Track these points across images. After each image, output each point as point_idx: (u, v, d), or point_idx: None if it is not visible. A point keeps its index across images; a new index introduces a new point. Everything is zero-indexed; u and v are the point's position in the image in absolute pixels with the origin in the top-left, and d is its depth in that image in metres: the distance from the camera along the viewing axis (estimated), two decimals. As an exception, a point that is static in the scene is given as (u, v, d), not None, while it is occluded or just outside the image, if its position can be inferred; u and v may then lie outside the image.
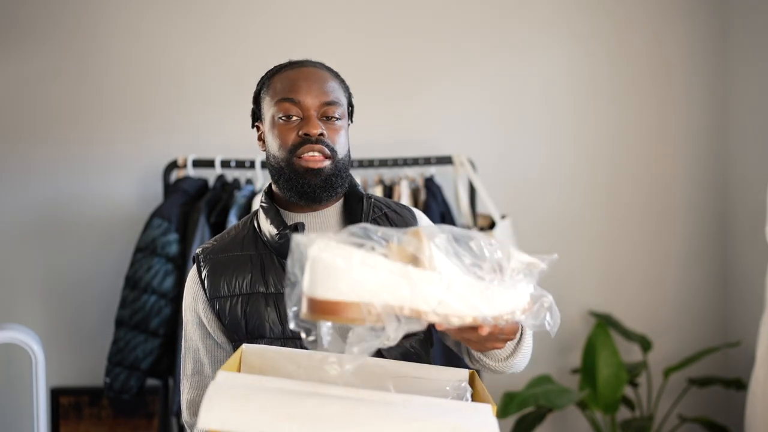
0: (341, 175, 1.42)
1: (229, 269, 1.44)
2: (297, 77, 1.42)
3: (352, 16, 2.91)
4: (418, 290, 0.96)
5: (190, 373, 1.49)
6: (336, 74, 1.48)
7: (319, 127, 1.38)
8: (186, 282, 1.50)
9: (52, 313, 2.85)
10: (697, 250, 3.05)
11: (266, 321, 1.40)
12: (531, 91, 2.97)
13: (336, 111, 1.41)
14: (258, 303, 1.41)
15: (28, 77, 2.81)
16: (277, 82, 1.44)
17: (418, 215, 1.54)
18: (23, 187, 2.82)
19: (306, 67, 1.44)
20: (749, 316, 2.85)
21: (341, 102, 1.43)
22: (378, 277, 0.95)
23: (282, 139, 1.40)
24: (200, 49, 2.86)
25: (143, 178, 2.84)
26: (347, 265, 0.93)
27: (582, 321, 3.02)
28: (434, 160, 2.76)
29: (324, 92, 1.41)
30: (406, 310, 0.96)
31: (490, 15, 2.94)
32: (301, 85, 1.41)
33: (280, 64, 1.49)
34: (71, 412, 2.82)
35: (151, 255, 2.52)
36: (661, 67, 3.00)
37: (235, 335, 1.43)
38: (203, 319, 1.46)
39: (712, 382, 2.86)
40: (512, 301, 1.05)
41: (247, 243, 1.46)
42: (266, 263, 1.43)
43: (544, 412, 2.73)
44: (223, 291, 1.43)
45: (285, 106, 1.40)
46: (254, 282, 1.42)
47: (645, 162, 3.02)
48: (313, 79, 1.42)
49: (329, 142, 1.40)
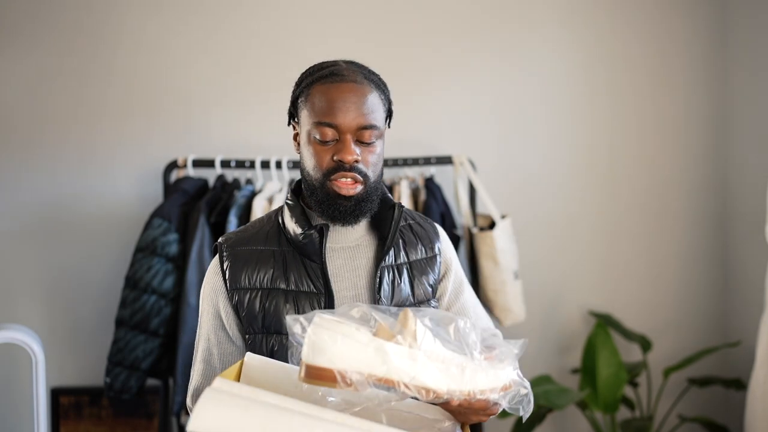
0: (372, 198, 1.43)
1: (251, 262, 1.45)
2: (336, 97, 1.39)
3: (352, 17, 2.91)
4: (392, 364, 1.11)
5: (199, 359, 1.51)
6: (376, 82, 1.46)
7: (353, 153, 1.38)
8: (207, 270, 1.52)
9: (52, 313, 2.85)
10: (697, 250, 3.05)
11: (284, 317, 1.42)
12: (531, 92, 2.97)
13: (372, 135, 1.41)
14: (278, 299, 1.43)
15: (28, 78, 2.81)
16: (316, 97, 1.41)
17: (440, 232, 1.58)
18: (23, 187, 2.82)
19: (346, 82, 1.41)
20: (749, 316, 2.85)
21: (378, 123, 1.41)
22: (357, 350, 1.10)
23: (317, 160, 1.41)
24: (200, 50, 2.86)
25: (143, 178, 2.84)
26: (332, 339, 1.10)
27: (582, 321, 3.03)
28: (434, 160, 2.76)
29: (361, 114, 1.39)
30: (376, 379, 1.10)
31: (490, 15, 2.94)
32: (339, 107, 1.38)
33: (321, 69, 1.45)
34: (71, 412, 2.82)
35: (151, 255, 2.52)
36: (660, 67, 3.00)
37: (251, 328, 1.46)
38: (220, 310, 1.48)
39: (712, 382, 2.86)
40: (487, 380, 1.17)
41: (271, 238, 1.48)
42: (288, 260, 1.45)
43: (544, 412, 2.74)
44: (244, 283, 1.45)
45: (322, 129, 1.39)
46: (275, 278, 1.44)
47: (645, 162, 3.02)
48: (352, 100, 1.39)
49: (362, 167, 1.40)
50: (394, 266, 1.50)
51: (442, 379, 1.14)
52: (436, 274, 1.54)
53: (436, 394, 1.13)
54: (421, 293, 1.52)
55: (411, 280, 1.51)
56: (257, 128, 2.87)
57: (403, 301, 1.49)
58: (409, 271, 1.51)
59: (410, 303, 1.50)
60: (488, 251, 2.66)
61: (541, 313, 2.99)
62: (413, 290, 1.51)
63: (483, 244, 2.67)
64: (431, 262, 1.54)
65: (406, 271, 1.51)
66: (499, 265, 2.67)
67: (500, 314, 2.70)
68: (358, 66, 1.47)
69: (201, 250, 2.51)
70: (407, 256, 1.51)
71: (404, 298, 1.50)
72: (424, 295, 1.52)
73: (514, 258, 2.72)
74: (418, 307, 1.51)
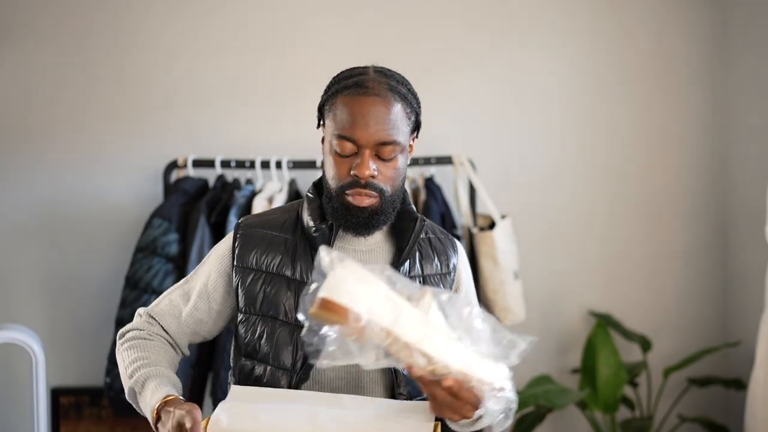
0: (386, 211, 1.43)
1: (262, 245, 1.47)
2: (357, 111, 1.38)
3: (353, 16, 2.91)
4: (402, 321, 1.15)
5: (176, 295, 1.52)
6: (403, 95, 1.44)
7: (369, 168, 1.38)
8: (220, 242, 1.54)
9: (52, 313, 2.85)
10: (697, 250, 3.05)
11: (283, 304, 1.43)
12: (531, 92, 2.97)
13: (393, 151, 1.39)
14: (280, 285, 1.44)
15: (28, 78, 2.81)
16: (339, 108, 1.40)
17: (459, 249, 1.57)
18: (23, 187, 2.82)
19: (370, 96, 1.39)
20: (749, 316, 2.85)
21: (399, 138, 1.40)
22: (375, 299, 1.15)
23: (335, 171, 1.41)
24: (201, 49, 2.86)
25: (143, 178, 2.84)
26: (355, 281, 1.15)
27: (582, 321, 3.03)
28: (434, 160, 2.76)
29: (382, 130, 1.38)
30: (385, 332, 1.14)
31: (490, 15, 2.94)
32: (359, 121, 1.37)
33: (348, 77, 1.43)
34: (71, 412, 2.82)
35: (151, 255, 2.52)
36: (661, 67, 3.00)
37: (246, 308, 1.46)
38: (217, 281, 1.49)
39: (712, 382, 2.86)
40: (485, 371, 1.19)
41: (287, 227, 1.49)
42: (299, 250, 1.46)
43: (544, 412, 2.74)
44: (251, 263, 1.46)
45: (342, 143, 1.39)
46: (282, 264, 1.45)
47: (645, 162, 3.02)
48: (373, 114, 1.38)
49: (378, 183, 1.39)
50: (408, 278, 1.47)
51: (443, 352, 1.17)
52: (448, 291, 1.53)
53: (433, 365, 1.17)
54: None
55: None
56: (257, 128, 2.87)
57: None
58: (422, 285, 1.49)
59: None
60: (488, 251, 2.66)
61: (541, 313, 2.99)
62: None
63: (483, 244, 2.67)
64: (444, 279, 1.53)
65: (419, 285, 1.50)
66: (499, 265, 2.67)
67: (500, 314, 2.70)
68: (387, 75, 1.45)
69: (201, 250, 2.51)
70: (422, 269, 1.50)
71: None
72: None
73: (514, 258, 2.72)
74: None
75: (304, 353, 1.41)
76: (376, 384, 1.46)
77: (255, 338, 1.46)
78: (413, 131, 1.48)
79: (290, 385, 1.43)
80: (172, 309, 1.52)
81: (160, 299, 1.54)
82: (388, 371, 1.46)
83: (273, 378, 1.44)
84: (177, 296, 1.53)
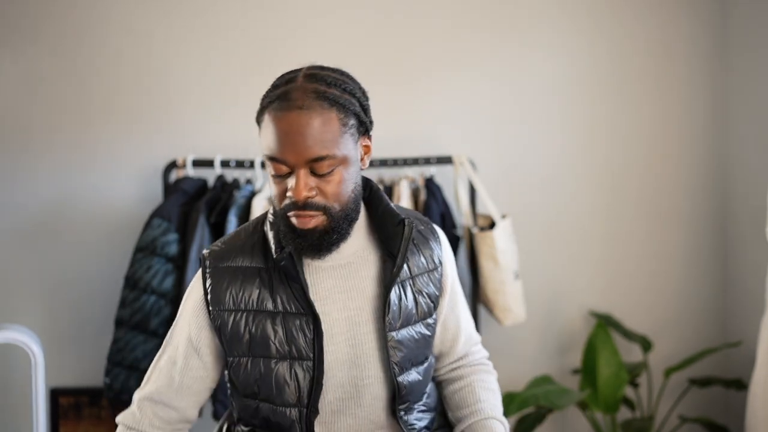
0: (339, 228, 1.32)
1: (236, 281, 1.38)
2: (282, 129, 1.26)
3: (352, 16, 2.91)
4: None
5: (162, 365, 1.43)
6: (334, 99, 1.28)
7: (305, 188, 1.27)
8: (191, 284, 1.45)
9: (52, 313, 2.84)
10: (697, 250, 3.05)
11: (272, 342, 1.36)
12: (531, 91, 2.97)
13: (325, 166, 1.27)
14: (265, 321, 1.36)
15: (28, 78, 2.81)
16: (266, 126, 1.30)
17: (440, 237, 1.52)
18: (23, 188, 2.82)
19: (293, 110, 1.26)
20: (750, 317, 2.85)
21: (332, 151, 1.27)
22: None
23: (275, 193, 1.32)
24: (200, 49, 2.86)
25: (143, 178, 2.84)
26: None
27: (582, 321, 3.02)
28: (434, 160, 2.75)
29: (311, 146, 1.25)
30: None
31: (490, 14, 2.94)
32: (285, 140, 1.26)
33: (275, 88, 1.32)
34: (71, 412, 2.82)
35: (150, 255, 2.51)
36: (661, 66, 2.99)
37: (235, 351, 1.39)
38: (199, 328, 1.41)
39: (713, 382, 2.85)
40: None
41: (256, 253, 1.39)
42: (274, 280, 1.37)
43: (544, 413, 2.73)
44: (228, 304, 1.38)
45: (274, 165, 1.29)
46: (262, 299, 1.37)
47: (646, 162, 3.02)
48: (298, 130, 1.25)
49: (319, 201, 1.29)
50: (399, 283, 1.42)
51: None
52: (437, 288, 1.49)
53: None
54: (424, 309, 1.46)
55: (415, 297, 1.44)
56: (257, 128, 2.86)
57: (409, 319, 1.43)
58: (413, 286, 1.44)
59: (414, 320, 1.44)
60: (488, 251, 2.66)
61: (542, 313, 2.98)
62: (417, 307, 1.45)
63: (483, 244, 2.67)
64: (432, 276, 1.48)
65: (410, 287, 1.44)
66: (499, 265, 2.66)
67: (500, 314, 2.70)
68: (317, 79, 1.30)
69: (201, 250, 2.51)
70: (410, 271, 1.44)
71: (410, 317, 1.44)
72: (427, 311, 1.47)
73: (514, 258, 2.72)
74: (421, 323, 1.46)
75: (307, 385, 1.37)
76: (378, 400, 1.43)
77: (252, 380, 1.39)
78: (362, 133, 1.35)
79: (301, 417, 1.38)
80: (163, 380, 1.43)
81: (149, 374, 1.45)
82: (390, 386, 1.43)
83: (280, 415, 1.39)
84: (164, 364, 1.43)
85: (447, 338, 1.57)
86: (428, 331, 1.48)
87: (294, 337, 1.36)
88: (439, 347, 1.58)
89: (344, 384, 1.41)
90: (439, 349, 1.59)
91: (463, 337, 1.59)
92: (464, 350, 1.61)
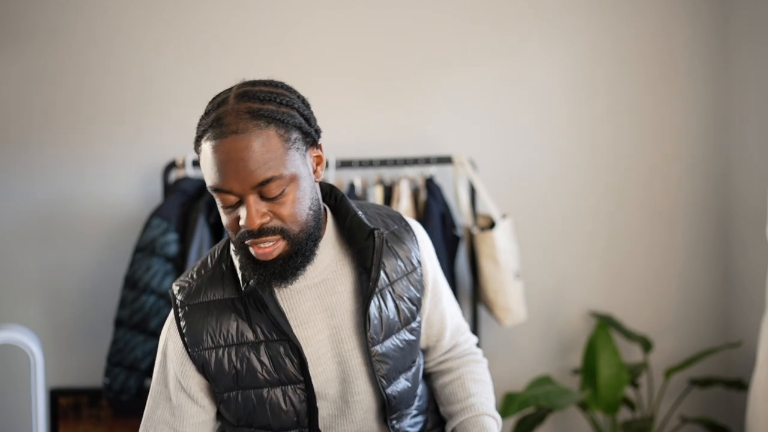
0: (303, 251, 1.26)
1: (211, 318, 1.32)
2: (220, 159, 1.18)
3: (351, 16, 2.90)
4: None
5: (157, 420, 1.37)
6: (269, 116, 1.19)
7: (257, 216, 1.19)
8: (165, 325, 1.38)
9: (52, 313, 2.84)
10: (698, 250, 3.04)
11: (259, 372, 1.32)
12: (531, 91, 2.96)
13: (274, 188, 1.19)
14: (248, 353, 1.31)
15: (27, 78, 2.80)
16: (204, 156, 1.21)
17: (415, 233, 1.45)
18: (23, 188, 2.82)
19: (228, 137, 1.17)
20: (750, 317, 2.84)
21: (278, 171, 1.19)
22: None
23: (228, 224, 1.24)
24: (199, 49, 2.85)
25: (143, 178, 2.84)
26: None
27: (583, 321, 3.02)
28: (434, 160, 2.75)
29: (253, 171, 1.17)
30: None
31: (490, 14, 2.93)
32: (225, 170, 1.18)
33: (207, 114, 1.23)
34: (70, 412, 2.82)
35: (150, 255, 2.51)
36: (661, 66, 2.99)
37: (223, 387, 1.34)
38: (182, 373, 1.36)
39: (713, 382, 2.85)
40: None
41: (227, 283, 1.33)
42: (250, 310, 1.31)
43: (544, 413, 2.73)
44: (207, 343, 1.32)
45: (220, 196, 1.21)
46: (240, 331, 1.31)
47: (646, 162, 3.01)
48: (237, 158, 1.17)
49: (275, 225, 1.22)
50: (377, 293, 1.36)
51: None
52: (418, 289, 1.44)
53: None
54: (406, 315, 1.42)
55: (396, 304, 1.39)
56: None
57: (392, 328, 1.39)
58: (392, 293, 1.39)
59: (398, 328, 1.40)
60: (488, 251, 2.66)
61: (542, 313, 2.98)
62: (399, 314, 1.40)
63: (483, 244, 2.66)
64: (412, 278, 1.42)
65: (390, 294, 1.38)
66: (499, 265, 2.66)
67: (501, 314, 2.69)
68: (249, 97, 1.21)
69: (200, 250, 2.51)
70: (388, 278, 1.38)
71: (393, 326, 1.40)
72: (410, 316, 1.43)
73: (514, 258, 2.71)
74: (405, 329, 1.43)
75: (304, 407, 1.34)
76: (369, 412, 1.42)
77: (246, 412, 1.35)
78: (309, 144, 1.26)
79: None
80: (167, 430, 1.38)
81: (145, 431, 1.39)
82: (379, 398, 1.41)
83: None
84: (161, 418, 1.38)
85: (433, 333, 1.53)
86: (413, 335, 1.45)
87: (281, 365, 1.33)
88: (426, 342, 1.55)
89: (336, 400, 1.39)
90: (426, 344, 1.55)
91: (449, 329, 1.54)
92: (452, 342, 1.57)
